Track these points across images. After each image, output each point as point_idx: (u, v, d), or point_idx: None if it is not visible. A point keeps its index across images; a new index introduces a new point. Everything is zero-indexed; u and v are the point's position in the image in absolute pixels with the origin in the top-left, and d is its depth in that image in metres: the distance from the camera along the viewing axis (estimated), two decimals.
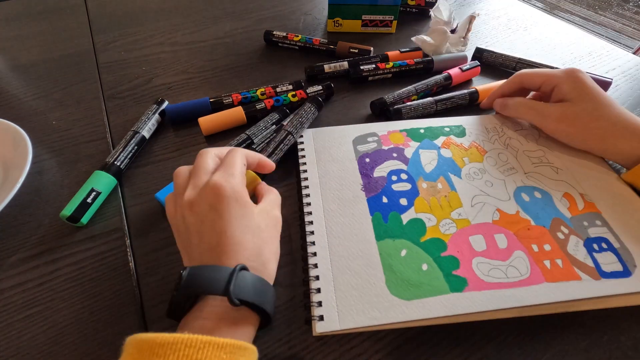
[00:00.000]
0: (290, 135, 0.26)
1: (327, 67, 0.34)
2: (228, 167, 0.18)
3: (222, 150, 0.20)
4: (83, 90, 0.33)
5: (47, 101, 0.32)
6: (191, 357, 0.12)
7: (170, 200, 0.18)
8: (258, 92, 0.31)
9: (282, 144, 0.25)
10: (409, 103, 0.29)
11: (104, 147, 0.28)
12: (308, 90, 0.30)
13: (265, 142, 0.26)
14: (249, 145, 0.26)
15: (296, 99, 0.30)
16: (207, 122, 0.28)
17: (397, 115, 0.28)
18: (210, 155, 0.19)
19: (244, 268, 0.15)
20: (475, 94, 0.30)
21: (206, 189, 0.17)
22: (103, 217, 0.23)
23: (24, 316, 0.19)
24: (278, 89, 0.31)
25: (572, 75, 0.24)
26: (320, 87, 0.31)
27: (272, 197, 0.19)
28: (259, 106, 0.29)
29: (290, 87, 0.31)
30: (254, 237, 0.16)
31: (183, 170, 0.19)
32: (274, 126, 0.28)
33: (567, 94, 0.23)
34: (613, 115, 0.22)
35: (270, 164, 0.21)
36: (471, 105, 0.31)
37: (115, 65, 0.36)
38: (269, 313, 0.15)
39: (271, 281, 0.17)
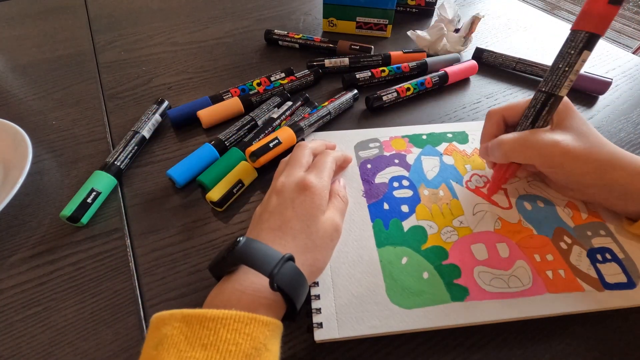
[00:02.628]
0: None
1: (328, 62, 0.36)
2: (320, 170, 0.22)
3: (316, 147, 0.24)
4: (83, 90, 0.36)
5: (47, 101, 0.34)
6: (240, 331, 0.14)
7: (271, 185, 0.23)
8: (254, 83, 0.34)
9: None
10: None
11: (104, 147, 0.30)
12: (297, 74, 0.35)
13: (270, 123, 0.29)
14: (253, 126, 0.30)
15: (286, 81, 0.34)
16: (206, 114, 0.31)
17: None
18: (307, 151, 0.23)
19: (291, 259, 0.17)
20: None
21: (297, 182, 0.21)
22: (103, 217, 0.25)
23: (24, 316, 0.20)
24: (272, 78, 0.35)
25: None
26: (307, 71, 0.35)
27: (338, 205, 0.22)
28: (252, 92, 0.33)
29: (283, 74, 0.36)
30: (307, 238, 0.19)
31: (284, 160, 0.24)
32: (277, 108, 0.31)
33: (554, 118, 0.21)
34: (605, 141, 0.21)
35: (349, 159, 0.26)
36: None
37: (115, 65, 0.39)
38: (296, 307, 0.17)
39: (310, 281, 0.19)
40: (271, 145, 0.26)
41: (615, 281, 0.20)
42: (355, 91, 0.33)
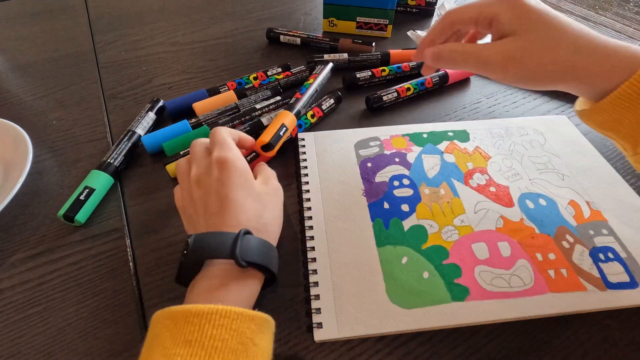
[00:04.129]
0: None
1: (327, 57, 0.36)
2: (222, 144, 0.21)
3: (205, 140, 0.23)
4: (83, 90, 0.35)
5: (47, 101, 0.34)
6: (226, 326, 0.14)
7: (177, 191, 0.22)
8: (251, 77, 0.35)
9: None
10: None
11: (104, 147, 0.30)
12: (293, 70, 0.35)
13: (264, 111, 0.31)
14: (234, 113, 0.31)
15: (281, 76, 0.34)
16: (200, 106, 0.31)
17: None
18: (201, 143, 0.22)
19: (247, 232, 0.17)
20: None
21: (211, 164, 0.20)
22: (103, 217, 0.25)
23: (24, 316, 0.20)
24: (269, 72, 0.35)
25: (512, 0, 0.18)
26: (304, 67, 0.35)
27: (267, 172, 0.22)
28: (248, 86, 0.34)
29: (279, 69, 0.36)
30: (255, 202, 0.19)
31: (182, 161, 0.22)
32: (265, 101, 0.32)
33: (508, 25, 0.18)
34: (572, 39, 0.17)
35: (250, 140, 0.24)
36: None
37: (116, 65, 0.38)
38: (273, 272, 0.17)
39: (274, 243, 0.19)
40: (281, 133, 0.27)
41: (617, 280, 0.20)
42: (331, 64, 0.33)
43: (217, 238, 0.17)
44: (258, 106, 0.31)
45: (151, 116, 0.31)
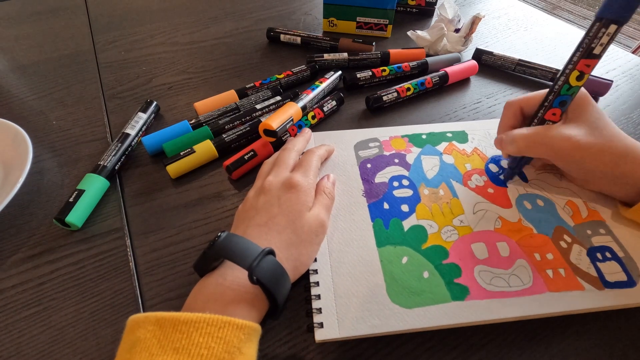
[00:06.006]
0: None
1: (327, 56, 0.36)
2: (306, 169, 0.22)
3: (301, 148, 0.25)
4: (83, 90, 0.35)
5: (47, 101, 0.34)
6: (213, 335, 0.14)
7: (255, 184, 0.23)
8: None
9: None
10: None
11: (104, 147, 0.29)
12: (294, 69, 0.35)
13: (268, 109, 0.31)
14: (235, 113, 0.31)
15: (282, 76, 0.34)
16: (201, 105, 0.31)
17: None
18: (293, 154, 0.24)
19: (271, 252, 0.17)
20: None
21: (284, 181, 0.21)
22: (103, 217, 0.25)
23: (24, 316, 0.20)
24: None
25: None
26: (304, 66, 0.35)
27: (324, 201, 0.22)
28: (249, 85, 0.34)
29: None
30: (292, 233, 0.19)
31: (268, 161, 0.25)
32: (264, 102, 0.32)
33: (569, 112, 0.21)
34: (621, 134, 0.21)
35: (332, 149, 0.27)
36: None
37: (116, 65, 0.38)
38: (278, 303, 0.17)
39: (292, 278, 0.18)
40: (287, 126, 0.27)
41: (615, 280, 0.20)
42: (340, 72, 0.34)
43: (243, 245, 0.17)
44: (258, 106, 0.31)
45: (140, 115, 0.30)
